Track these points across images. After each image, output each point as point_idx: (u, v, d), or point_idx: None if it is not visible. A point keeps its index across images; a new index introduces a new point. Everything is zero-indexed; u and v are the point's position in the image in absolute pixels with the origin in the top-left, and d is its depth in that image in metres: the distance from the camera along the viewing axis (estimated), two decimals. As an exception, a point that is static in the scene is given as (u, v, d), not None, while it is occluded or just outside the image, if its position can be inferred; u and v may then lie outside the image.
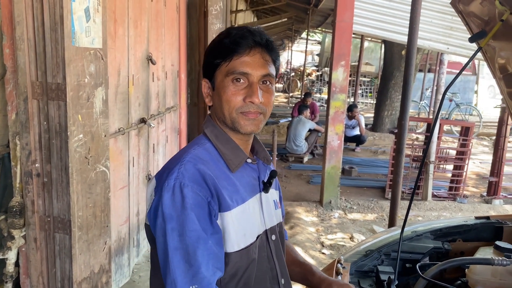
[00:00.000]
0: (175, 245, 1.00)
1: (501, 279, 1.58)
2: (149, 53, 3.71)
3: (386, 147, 8.87)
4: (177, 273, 0.99)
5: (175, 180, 1.03)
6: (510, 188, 6.14)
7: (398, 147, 2.88)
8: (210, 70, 1.15)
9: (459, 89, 13.60)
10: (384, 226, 4.88)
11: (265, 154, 1.25)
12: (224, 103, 1.11)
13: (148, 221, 1.09)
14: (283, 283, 1.21)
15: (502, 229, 1.86)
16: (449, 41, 5.25)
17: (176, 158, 1.11)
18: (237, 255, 1.09)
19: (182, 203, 1.01)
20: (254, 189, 1.18)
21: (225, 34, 1.13)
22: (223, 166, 1.13)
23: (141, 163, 3.72)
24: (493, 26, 1.38)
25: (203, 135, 1.18)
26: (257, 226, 1.16)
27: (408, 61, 2.70)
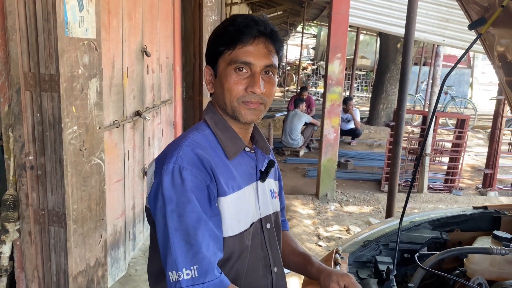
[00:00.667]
0: (175, 226, 1.01)
1: (499, 268, 1.58)
2: (143, 45, 3.67)
3: (382, 140, 8.87)
4: (178, 253, 1.00)
5: (174, 164, 1.04)
6: (505, 180, 6.17)
7: (395, 139, 2.87)
8: (213, 57, 1.15)
9: (454, 82, 13.62)
10: (380, 218, 4.90)
11: (264, 144, 1.26)
12: (226, 92, 1.11)
13: (148, 203, 1.10)
14: (276, 271, 1.22)
15: (500, 219, 1.86)
16: (445, 33, 5.24)
17: (175, 142, 1.12)
18: (231, 240, 1.10)
19: (182, 186, 1.02)
20: (251, 177, 1.19)
21: (230, 22, 1.13)
22: (221, 153, 1.13)
23: (137, 157, 3.69)
24: (493, 13, 1.36)
25: (203, 122, 1.19)
26: (252, 214, 1.17)
27: (405, 53, 2.68)
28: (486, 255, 1.57)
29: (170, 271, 1.00)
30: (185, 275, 0.99)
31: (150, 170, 1.12)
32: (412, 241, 1.73)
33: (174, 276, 1.00)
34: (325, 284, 1.22)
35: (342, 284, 1.20)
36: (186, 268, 0.99)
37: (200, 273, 0.99)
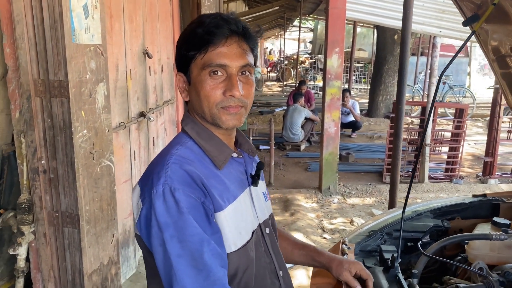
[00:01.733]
0: (177, 252, 0.94)
1: (499, 253, 1.65)
2: (145, 47, 3.73)
3: (382, 132, 8.94)
4: (186, 280, 0.93)
5: (164, 185, 0.96)
6: (504, 168, 6.24)
7: (395, 131, 2.94)
8: (184, 63, 1.07)
9: (452, 71, 13.66)
10: (383, 209, 4.97)
11: (249, 146, 1.21)
12: (203, 99, 1.04)
13: (139, 231, 1.02)
14: (282, 275, 1.19)
15: (498, 206, 1.93)
16: (442, 24, 5.30)
17: (158, 161, 1.05)
18: (235, 255, 1.05)
19: (177, 208, 0.95)
20: (242, 184, 1.14)
21: (197, 23, 1.05)
22: (209, 164, 1.07)
23: (142, 157, 3.76)
24: (486, 10, 1.42)
25: (183, 133, 1.12)
26: (251, 222, 1.12)
27: (403, 46, 2.74)
28: (486, 241, 1.64)
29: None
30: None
31: (135, 194, 1.04)
32: (415, 229, 1.81)
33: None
34: (337, 272, 1.27)
35: (354, 271, 1.27)
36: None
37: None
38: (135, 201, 1.03)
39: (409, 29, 2.69)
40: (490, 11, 1.30)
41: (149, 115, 3.74)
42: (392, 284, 1.47)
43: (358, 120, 8.54)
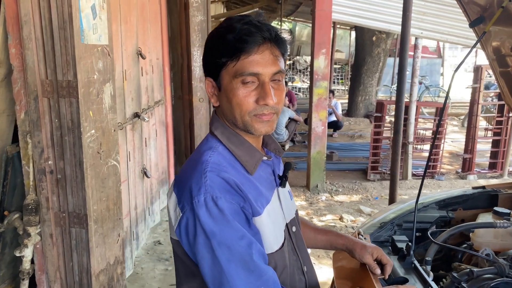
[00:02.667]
0: (227, 258, 0.96)
1: (502, 240, 1.76)
2: (138, 47, 3.74)
3: (362, 131, 9.15)
4: (239, 283, 0.96)
5: (205, 195, 0.98)
6: (482, 164, 6.49)
7: (395, 127, 3.06)
8: (214, 69, 1.07)
9: (427, 72, 14.07)
10: (370, 206, 5.11)
11: (275, 145, 1.21)
12: (235, 106, 1.04)
13: (178, 237, 1.04)
14: (306, 270, 1.23)
15: (497, 197, 2.05)
16: (422, 26, 5.49)
17: (192, 168, 1.05)
18: (275, 255, 1.09)
19: (222, 216, 0.97)
20: (271, 185, 1.16)
21: (227, 28, 1.04)
22: (241, 169, 1.08)
23: (137, 157, 3.76)
24: (491, 12, 1.53)
25: (212, 137, 1.12)
26: (282, 222, 1.16)
27: (402, 48, 2.87)
28: (490, 229, 1.76)
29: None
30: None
31: (172, 201, 1.06)
32: (422, 220, 1.90)
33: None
34: (360, 254, 1.34)
35: (375, 255, 1.34)
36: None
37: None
38: (172, 208, 1.05)
39: (409, 31, 2.82)
40: (499, 13, 1.41)
41: (143, 116, 3.75)
42: (408, 271, 1.55)
43: (339, 120, 8.72)
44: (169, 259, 3.76)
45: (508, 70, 1.87)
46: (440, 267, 1.84)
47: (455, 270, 1.64)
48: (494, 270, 1.50)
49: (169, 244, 4.04)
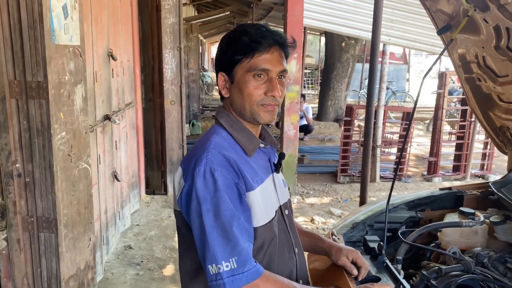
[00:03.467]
0: (211, 224, 1.09)
1: (467, 238, 1.84)
2: (109, 49, 3.68)
3: (332, 134, 9.31)
4: (216, 248, 1.07)
5: (205, 166, 1.12)
6: (446, 167, 6.73)
7: (366, 130, 3.14)
8: (228, 64, 1.23)
9: (393, 77, 14.47)
10: (340, 207, 5.20)
11: (271, 139, 1.36)
12: (246, 97, 1.21)
13: (179, 207, 1.18)
14: (297, 252, 1.34)
15: (462, 197, 2.14)
16: (390, 33, 5.65)
17: (199, 147, 1.21)
18: (262, 229, 1.21)
19: (215, 186, 1.11)
20: (267, 170, 1.30)
21: (241, 32, 1.22)
22: (240, 152, 1.23)
23: (107, 161, 3.69)
24: (458, 21, 1.60)
25: (217, 125, 1.28)
26: (275, 203, 1.29)
27: (373, 51, 2.95)
28: (456, 228, 1.83)
29: (209, 265, 1.08)
30: (224, 267, 1.07)
31: (177, 175, 1.20)
32: (393, 221, 1.96)
33: (214, 269, 1.07)
34: (336, 257, 1.42)
35: (351, 258, 1.41)
36: (225, 261, 1.07)
37: (239, 264, 1.07)
38: (178, 180, 1.19)
39: (379, 37, 2.90)
40: (465, 22, 1.48)
41: (114, 118, 3.69)
42: (380, 270, 1.60)
43: (310, 124, 8.84)
44: (140, 263, 3.71)
45: (473, 76, 1.96)
46: (410, 266, 1.90)
47: (424, 268, 1.70)
48: (461, 267, 1.57)
49: (140, 249, 3.98)
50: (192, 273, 1.24)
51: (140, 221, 4.63)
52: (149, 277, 3.50)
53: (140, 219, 4.67)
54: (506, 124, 2.06)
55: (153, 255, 3.86)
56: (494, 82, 1.89)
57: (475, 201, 2.13)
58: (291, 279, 1.29)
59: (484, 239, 1.88)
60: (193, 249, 1.15)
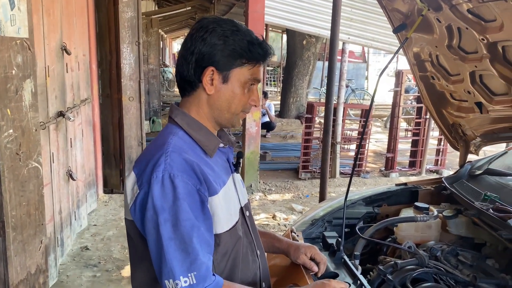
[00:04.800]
0: (169, 235, 1.01)
1: (422, 233, 1.89)
2: (63, 42, 3.52)
3: (294, 131, 9.39)
4: (174, 262, 1.00)
5: (164, 172, 1.04)
6: (403, 163, 6.94)
7: (325, 128, 3.17)
8: (226, 63, 1.14)
9: (353, 75, 14.78)
10: (301, 203, 5.26)
11: (228, 138, 1.30)
12: (237, 101, 1.17)
13: (132, 216, 1.09)
14: (259, 254, 1.30)
15: (417, 193, 2.20)
16: (350, 31, 5.75)
17: (154, 149, 1.11)
18: (227, 235, 1.15)
19: (174, 194, 1.03)
20: (227, 171, 1.25)
21: (250, 37, 1.15)
22: (200, 152, 1.16)
23: (61, 159, 3.54)
24: (413, 20, 1.64)
25: (172, 124, 1.19)
26: (237, 205, 1.24)
27: (331, 49, 2.97)
28: (411, 223, 1.88)
29: (166, 280, 1.01)
30: (182, 282, 1.00)
31: (130, 180, 1.11)
32: (350, 216, 1.99)
33: (171, 285, 1.00)
34: (295, 255, 1.41)
35: (309, 254, 1.41)
36: (183, 276, 1.00)
37: (198, 280, 1.01)
38: (130, 186, 1.11)
39: (337, 35, 2.93)
40: (419, 21, 1.51)
41: (68, 115, 3.54)
42: (338, 266, 1.61)
43: (272, 121, 8.87)
44: (97, 265, 3.59)
45: (427, 74, 2.01)
46: (368, 261, 1.93)
47: (381, 263, 1.73)
48: (415, 261, 1.61)
49: (97, 250, 3.85)
50: (146, 287, 1.16)
51: (98, 221, 4.49)
52: (107, 278, 3.40)
53: (97, 219, 4.53)
54: (458, 121, 2.14)
55: (111, 256, 3.75)
56: (447, 80, 1.95)
57: (429, 196, 2.20)
58: (255, 283, 1.26)
59: (438, 233, 1.94)
60: (147, 261, 1.08)
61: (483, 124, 2.03)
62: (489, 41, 1.52)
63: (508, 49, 1.51)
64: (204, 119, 1.19)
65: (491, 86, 1.77)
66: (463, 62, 1.74)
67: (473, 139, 2.17)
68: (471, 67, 1.74)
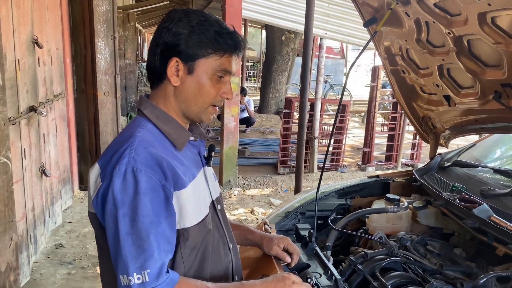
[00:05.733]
0: (127, 230, 0.99)
1: (393, 223, 1.93)
2: (34, 35, 3.44)
3: (273, 127, 9.42)
4: (129, 258, 0.98)
5: (127, 165, 1.02)
6: (379, 157, 7.05)
7: (300, 121, 3.19)
8: (191, 53, 1.12)
9: (331, 71, 14.89)
10: (280, 198, 5.29)
11: (200, 131, 1.27)
12: (205, 94, 1.13)
13: (94, 208, 1.07)
14: (232, 247, 1.29)
15: (389, 185, 2.24)
16: (327, 27, 5.79)
17: (120, 142, 1.09)
18: (196, 229, 1.13)
19: (135, 188, 1.00)
20: (198, 164, 1.23)
21: (218, 26, 1.12)
22: (169, 146, 1.14)
23: (33, 155, 3.47)
24: (382, 14, 1.66)
25: (140, 117, 1.17)
26: (207, 198, 1.22)
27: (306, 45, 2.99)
28: (383, 214, 1.91)
29: (121, 275, 0.99)
30: (136, 279, 0.98)
31: (93, 173, 1.09)
32: (323, 208, 2.01)
33: (125, 280, 0.99)
34: (268, 247, 1.41)
35: (282, 245, 1.41)
36: (137, 273, 0.98)
37: (151, 278, 0.99)
38: (93, 179, 1.08)
39: (311, 29, 2.95)
40: (388, 15, 1.53)
41: (40, 110, 3.46)
42: (310, 257, 1.63)
43: (252, 116, 8.88)
44: (72, 262, 3.54)
45: (397, 68, 2.05)
46: (341, 252, 1.96)
47: (353, 253, 1.76)
48: (385, 251, 1.64)
49: (72, 247, 3.79)
50: (111, 283, 1.12)
51: (73, 218, 4.42)
52: (82, 275, 3.35)
53: (73, 216, 4.46)
54: (428, 114, 2.18)
55: (86, 253, 3.70)
56: (416, 74, 1.99)
57: (400, 188, 2.24)
58: (227, 276, 1.26)
59: (408, 224, 1.98)
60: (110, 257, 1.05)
61: (452, 117, 2.07)
62: (455, 35, 1.55)
63: (473, 43, 1.55)
64: (172, 112, 1.17)
65: (458, 79, 1.81)
66: (431, 56, 1.78)
67: (443, 132, 2.22)
68: (439, 61, 1.77)
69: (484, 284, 1.35)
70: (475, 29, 1.45)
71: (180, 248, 1.11)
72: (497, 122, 1.89)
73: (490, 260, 1.60)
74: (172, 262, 1.10)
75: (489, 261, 1.61)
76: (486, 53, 1.58)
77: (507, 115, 1.76)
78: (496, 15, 1.37)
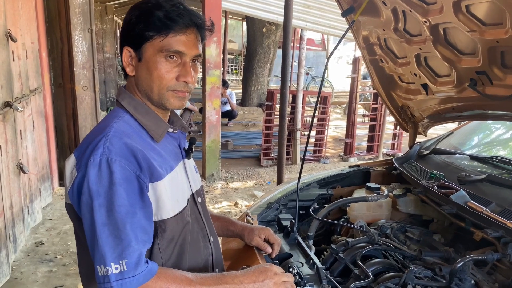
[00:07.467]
0: (103, 221, 0.99)
1: (373, 212, 1.95)
2: (7, 29, 3.34)
3: (256, 120, 9.41)
4: (106, 248, 0.98)
5: (101, 156, 1.01)
6: (361, 147, 7.12)
7: (281, 113, 3.19)
8: (136, 40, 1.10)
9: (313, 63, 14.94)
10: (263, 190, 5.30)
11: (181, 123, 1.27)
12: (155, 79, 1.10)
13: (70, 199, 1.07)
14: (212, 240, 1.29)
15: (369, 174, 2.26)
16: (307, 18, 5.79)
17: (97, 132, 1.08)
18: (173, 220, 1.12)
19: (110, 179, 1.00)
20: (177, 156, 1.22)
21: (156, 6, 1.09)
22: (147, 137, 1.13)
23: (10, 152, 3.39)
24: (360, 3, 1.66)
25: (119, 108, 1.16)
26: (186, 191, 1.21)
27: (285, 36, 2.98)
28: (363, 203, 1.93)
29: (98, 265, 0.98)
30: (113, 269, 0.97)
31: (69, 163, 1.08)
32: (305, 198, 2.02)
33: (103, 271, 0.98)
34: (249, 238, 1.41)
35: (263, 236, 1.42)
36: (114, 263, 0.97)
37: (129, 267, 0.98)
38: (69, 169, 1.07)
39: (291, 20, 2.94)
40: (366, 4, 1.54)
41: (16, 105, 3.38)
42: (292, 247, 1.64)
43: (234, 109, 8.85)
44: (53, 259, 3.48)
45: (376, 58, 2.06)
46: (322, 241, 1.98)
47: (334, 242, 1.77)
48: (366, 239, 1.66)
49: (53, 244, 3.73)
50: (88, 274, 1.12)
51: (54, 215, 4.35)
52: (64, 273, 3.31)
53: (53, 213, 4.38)
54: (407, 103, 2.21)
55: (67, 250, 3.65)
56: (395, 63, 2.00)
57: (380, 177, 2.27)
58: (207, 268, 1.25)
59: (388, 212, 2.00)
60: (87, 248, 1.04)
61: (430, 105, 2.10)
62: (431, 24, 1.57)
63: (448, 31, 1.56)
64: (145, 101, 1.16)
65: (435, 68, 1.83)
66: (408, 45, 1.79)
67: (421, 120, 2.25)
68: (416, 50, 1.79)
69: (461, 268, 1.38)
70: (451, 17, 1.47)
71: (158, 240, 1.10)
72: (474, 110, 1.92)
73: (468, 245, 1.63)
74: (150, 254, 1.09)
75: (466, 246, 1.64)
76: (461, 41, 1.60)
77: (482, 102, 1.79)
78: (470, 3, 1.39)
